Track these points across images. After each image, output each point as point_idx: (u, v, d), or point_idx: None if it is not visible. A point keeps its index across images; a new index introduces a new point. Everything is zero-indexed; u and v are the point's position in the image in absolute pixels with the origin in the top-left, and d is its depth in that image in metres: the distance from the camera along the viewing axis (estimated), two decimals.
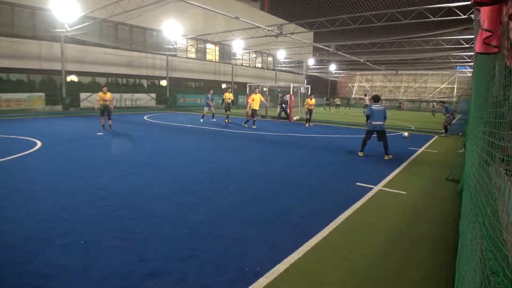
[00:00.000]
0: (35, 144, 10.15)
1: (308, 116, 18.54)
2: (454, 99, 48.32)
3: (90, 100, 23.64)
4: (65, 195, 5.55)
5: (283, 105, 21.41)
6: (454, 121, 16.34)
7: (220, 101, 20.86)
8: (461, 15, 16.48)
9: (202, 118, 19.09)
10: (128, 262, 3.44)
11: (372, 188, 6.49)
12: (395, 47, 28.92)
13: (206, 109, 19.03)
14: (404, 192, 6.32)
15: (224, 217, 4.79)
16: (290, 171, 7.89)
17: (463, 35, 24.76)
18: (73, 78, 24.43)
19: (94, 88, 24.86)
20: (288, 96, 21.50)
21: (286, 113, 21.44)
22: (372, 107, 9.43)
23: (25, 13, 21.87)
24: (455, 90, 49.54)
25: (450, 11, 16.80)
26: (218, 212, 4.95)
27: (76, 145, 10.46)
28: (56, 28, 21.46)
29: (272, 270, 3.36)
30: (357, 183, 6.78)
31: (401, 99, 50.61)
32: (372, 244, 4.10)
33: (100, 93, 13.88)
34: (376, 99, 9.83)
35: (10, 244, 3.77)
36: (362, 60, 37.08)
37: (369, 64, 40.17)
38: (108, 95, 14.01)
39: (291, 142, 12.37)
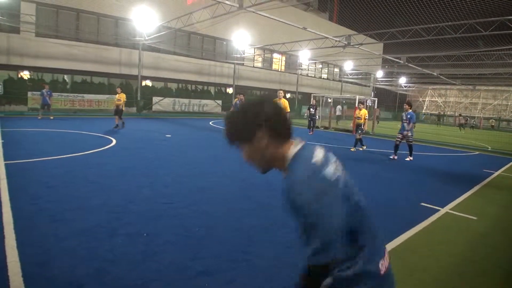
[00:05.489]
0: (111, 141, 11.07)
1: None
2: None
3: (161, 104, 25.17)
4: (133, 189, 5.97)
5: (311, 110, 18.15)
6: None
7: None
8: None
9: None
10: (183, 258, 3.61)
11: (439, 210, 6.07)
12: (473, 60, 26.69)
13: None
14: (475, 218, 5.82)
15: (279, 223, 4.80)
16: None
17: None
18: (147, 83, 26.21)
19: (165, 92, 26.43)
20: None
21: (313, 121, 18.43)
22: None
23: (109, 22, 24.06)
24: None
25: None
26: (273, 218, 4.98)
27: (146, 144, 11.21)
28: (136, 36, 23.29)
29: None
30: (422, 203, 6.40)
31: (477, 116, 46.68)
32: (432, 269, 3.84)
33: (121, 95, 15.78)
34: None
35: (81, 229, 4.15)
36: (435, 74, 34.90)
37: (443, 78, 37.64)
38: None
39: (353, 156, 12.02)
